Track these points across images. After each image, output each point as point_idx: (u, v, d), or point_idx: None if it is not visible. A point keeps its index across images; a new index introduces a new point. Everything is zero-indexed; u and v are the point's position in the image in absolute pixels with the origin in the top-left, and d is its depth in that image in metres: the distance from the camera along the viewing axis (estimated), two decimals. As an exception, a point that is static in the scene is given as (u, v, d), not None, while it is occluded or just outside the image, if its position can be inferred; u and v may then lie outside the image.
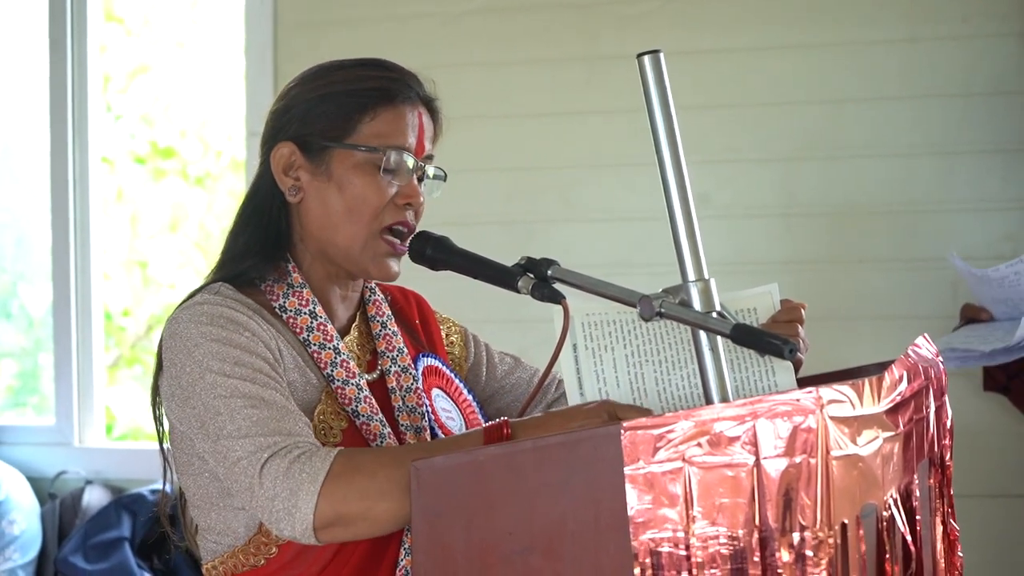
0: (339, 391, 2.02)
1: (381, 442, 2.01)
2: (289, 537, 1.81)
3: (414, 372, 2.16)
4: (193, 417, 1.92)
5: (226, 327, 1.94)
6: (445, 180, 2.15)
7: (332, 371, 2.04)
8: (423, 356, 2.22)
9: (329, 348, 2.05)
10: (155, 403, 2.07)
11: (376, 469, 1.78)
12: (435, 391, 2.18)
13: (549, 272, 1.93)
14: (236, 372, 1.89)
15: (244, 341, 1.93)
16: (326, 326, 2.07)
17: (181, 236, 6.25)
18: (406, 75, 2.10)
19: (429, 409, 2.13)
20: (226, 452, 1.86)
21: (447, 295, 2.54)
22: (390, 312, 2.23)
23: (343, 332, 2.14)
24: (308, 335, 2.05)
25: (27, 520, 4.41)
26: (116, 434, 5.67)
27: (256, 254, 2.07)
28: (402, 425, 2.08)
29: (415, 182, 2.07)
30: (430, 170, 2.11)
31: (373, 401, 2.05)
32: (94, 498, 4.49)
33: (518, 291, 1.95)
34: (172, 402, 1.97)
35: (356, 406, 2.02)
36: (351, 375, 2.04)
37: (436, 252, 2.04)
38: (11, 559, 4.32)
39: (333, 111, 2.04)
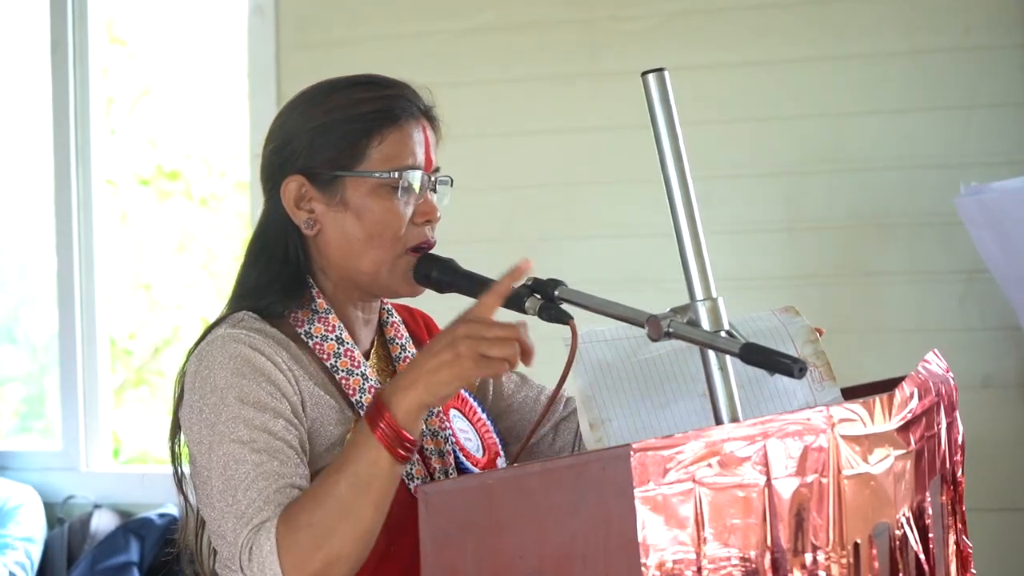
0: None
1: (411, 468, 2.02)
2: None
3: None
4: (211, 465, 1.92)
5: (253, 378, 1.93)
6: (452, 185, 2.14)
7: (361, 398, 2.03)
8: None
9: (357, 375, 2.05)
10: (174, 437, 2.06)
11: (308, 519, 1.80)
12: (452, 411, 2.18)
13: (556, 293, 1.92)
14: (253, 439, 1.89)
15: (266, 398, 1.92)
16: (353, 352, 2.06)
17: (187, 258, 6.25)
18: (403, 89, 2.09)
19: (450, 432, 2.13)
20: (217, 518, 1.89)
21: (454, 312, 2.52)
22: (407, 334, 2.23)
23: (364, 356, 2.13)
24: (335, 361, 2.04)
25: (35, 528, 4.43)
26: (123, 458, 5.65)
27: (277, 290, 2.05)
28: (427, 449, 2.08)
29: (429, 197, 2.07)
30: (439, 180, 2.11)
31: None
32: (102, 523, 4.49)
33: (525, 312, 1.94)
34: (195, 446, 1.96)
35: None
36: None
37: (441, 274, 2.03)
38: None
39: (338, 139, 2.02)
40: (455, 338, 1.80)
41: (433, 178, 2.09)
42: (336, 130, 2.02)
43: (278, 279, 2.06)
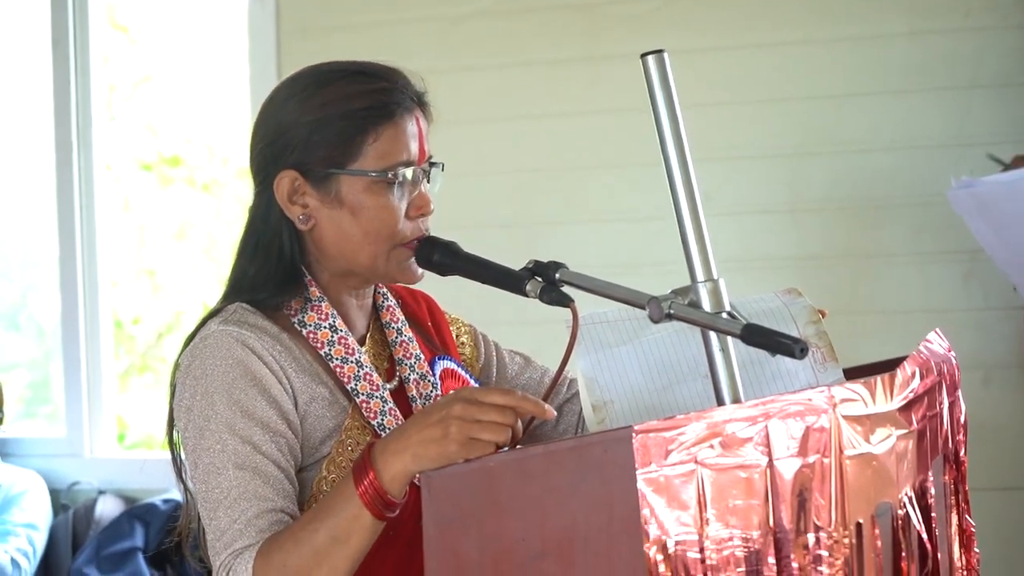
0: (364, 404, 2.02)
1: None
2: None
3: (432, 379, 2.15)
4: (195, 471, 1.95)
5: (244, 384, 1.94)
6: (443, 170, 2.12)
7: (356, 385, 2.03)
8: (439, 359, 2.21)
9: (351, 362, 2.04)
10: (171, 427, 2.06)
11: (284, 560, 1.81)
12: None
13: (557, 275, 1.92)
14: (237, 451, 1.91)
15: (255, 406, 1.93)
16: (347, 339, 2.06)
17: (189, 243, 6.25)
18: (397, 79, 2.06)
19: None
20: (206, 519, 1.92)
21: (457, 296, 2.53)
22: (403, 317, 2.22)
23: (359, 342, 2.13)
24: (329, 349, 2.04)
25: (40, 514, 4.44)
26: (129, 442, 5.66)
27: (272, 287, 2.04)
28: None
29: (424, 189, 2.06)
30: (432, 169, 2.09)
31: (398, 412, 2.05)
32: (107, 508, 4.50)
33: (526, 295, 1.93)
34: (184, 445, 1.99)
35: (382, 419, 2.02)
36: (375, 388, 2.04)
37: (443, 257, 2.03)
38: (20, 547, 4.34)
39: (333, 137, 2.00)
40: (448, 416, 1.75)
41: (426, 168, 2.08)
42: (331, 127, 2.00)
43: (274, 275, 2.05)
